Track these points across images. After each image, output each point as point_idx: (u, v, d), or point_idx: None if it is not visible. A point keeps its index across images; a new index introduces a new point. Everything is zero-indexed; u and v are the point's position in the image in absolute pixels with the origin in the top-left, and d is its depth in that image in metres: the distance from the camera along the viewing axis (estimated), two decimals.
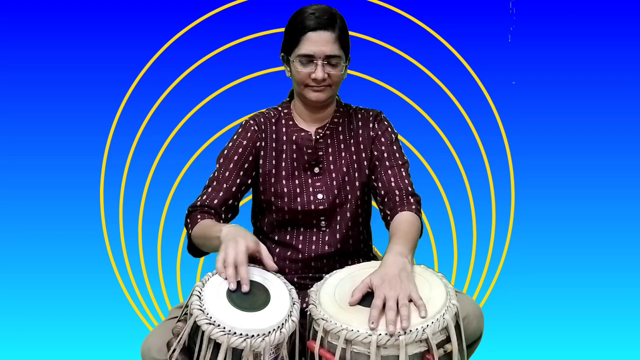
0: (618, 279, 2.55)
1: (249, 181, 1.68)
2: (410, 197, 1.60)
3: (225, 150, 1.68)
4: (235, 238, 1.37)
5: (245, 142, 1.67)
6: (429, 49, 2.46)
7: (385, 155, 1.66)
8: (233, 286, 1.31)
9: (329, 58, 1.57)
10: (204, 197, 1.64)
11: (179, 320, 1.36)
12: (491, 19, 2.62)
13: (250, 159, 1.67)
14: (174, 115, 2.51)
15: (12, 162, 2.62)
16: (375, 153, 1.67)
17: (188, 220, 1.62)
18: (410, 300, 1.28)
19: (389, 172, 1.64)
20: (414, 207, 1.58)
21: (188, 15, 2.48)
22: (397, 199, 1.60)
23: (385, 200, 1.62)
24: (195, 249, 1.62)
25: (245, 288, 1.32)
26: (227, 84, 2.50)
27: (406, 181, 1.63)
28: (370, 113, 1.72)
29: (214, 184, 1.65)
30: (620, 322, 2.46)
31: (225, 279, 1.33)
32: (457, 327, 1.31)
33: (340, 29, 1.59)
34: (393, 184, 1.62)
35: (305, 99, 1.64)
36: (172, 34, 2.45)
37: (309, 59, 1.57)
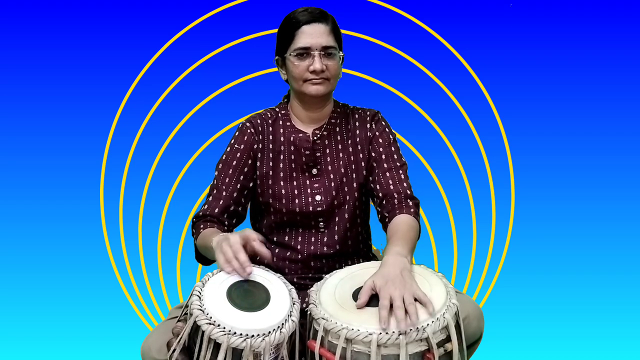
0: (618, 279, 2.55)
1: (251, 184, 1.67)
2: (408, 201, 1.59)
3: (224, 156, 1.68)
4: (226, 237, 1.39)
5: (242, 147, 1.67)
6: (429, 49, 2.46)
7: (384, 156, 1.66)
8: (248, 272, 1.35)
9: (325, 49, 1.58)
10: (206, 206, 1.64)
11: (179, 320, 1.36)
12: (491, 19, 2.62)
13: (249, 162, 1.66)
14: (174, 115, 2.51)
15: (12, 162, 2.62)
16: (373, 154, 1.67)
17: (193, 231, 1.64)
18: (416, 300, 1.28)
19: (387, 174, 1.64)
20: (412, 210, 1.57)
21: (188, 15, 2.48)
22: (396, 202, 1.59)
23: (384, 203, 1.61)
24: (203, 258, 1.64)
25: (249, 270, 1.35)
26: (227, 84, 2.50)
27: (405, 184, 1.63)
28: (368, 113, 1.71)
29: (214, 192, 1.65)
30: (620, 322, 2.46)
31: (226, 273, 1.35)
32: (457, 326, 1.31)
33: (332, 22, 1.62)
34: (392, 187, 1.62)
35: (304, 96, 1.63)
36: (172, 34, 2.45)
37: (306, 51, 1.58)
